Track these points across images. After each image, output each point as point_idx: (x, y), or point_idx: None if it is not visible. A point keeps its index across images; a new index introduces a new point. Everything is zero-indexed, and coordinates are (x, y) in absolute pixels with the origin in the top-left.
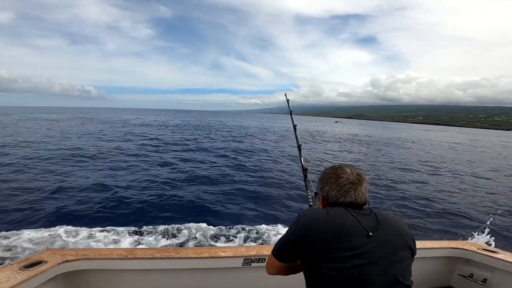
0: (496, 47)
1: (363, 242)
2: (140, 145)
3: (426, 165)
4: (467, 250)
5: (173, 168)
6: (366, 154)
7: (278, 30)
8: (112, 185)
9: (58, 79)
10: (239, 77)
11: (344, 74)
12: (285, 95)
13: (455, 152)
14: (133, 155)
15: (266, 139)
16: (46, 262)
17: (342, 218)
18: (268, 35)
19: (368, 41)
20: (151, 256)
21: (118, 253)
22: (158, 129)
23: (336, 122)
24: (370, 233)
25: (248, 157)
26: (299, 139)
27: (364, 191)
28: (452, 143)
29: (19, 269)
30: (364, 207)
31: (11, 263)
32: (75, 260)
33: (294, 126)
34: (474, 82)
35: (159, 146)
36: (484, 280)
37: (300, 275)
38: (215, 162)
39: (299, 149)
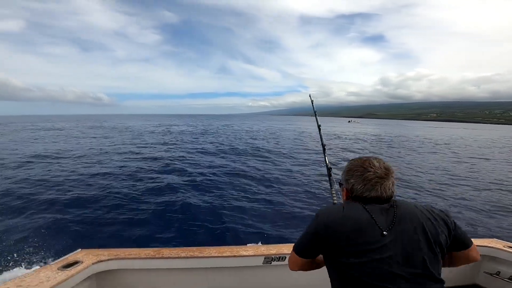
0: (506, 42)
1: (378, 239)
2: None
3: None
4: (493, 247)
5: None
6: (400, 158)
7: (283, 31)
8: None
9: (70, 86)
10: (246, 79)
11: (353, 73)
12: (309, 96)
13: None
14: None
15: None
16: (82, 262)
17: (357, 215)
18: (274, 37)
19: (375, 40)
20: (176, 256)
21: (146, 253)
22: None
23: (349, 121)
24: (385, 232)
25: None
26: (323, 139)
27: (391, 185)
28: (487, 140)
29: (57, 269)
30: (390, 200)
31: (50, 264)
32: (108, 260)
33: (319, 126)
34: (487, 77)
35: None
36: (511, 278)
37: (320, 274)
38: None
39: (324, 149)
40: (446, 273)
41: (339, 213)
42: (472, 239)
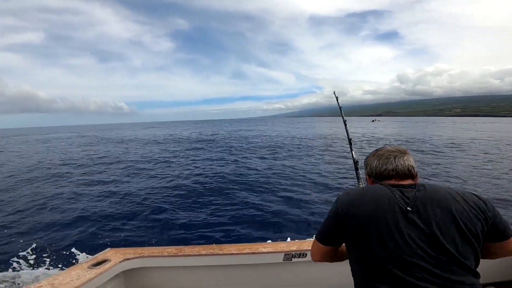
0: None
1: (401, 218)
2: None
3: None
4: None
5: None
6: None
7: (295, 33)
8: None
9: (91, 97)
10: (261, 83)
11: (368, 71)
12: (334, 93)
13: None
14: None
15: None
16: (110, 260)
17: (379, 192)
18: (286, 39)
19: (389, 37)
20: (197, 253)
21: (169, 251)
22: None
23: (373, 121)
24: (409, 208)
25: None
26: (349, 133)
27: (406, 158)
28: None
29: (87, 267)
30: (410, 180)
31: (81, 263)
32: (133, 258)
33: (345, 122)
34: (510, 70)
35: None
36: None
37: (341, 270)
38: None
39: (350, 143)
40: (486, 268)
41: (360, 191)
42: None
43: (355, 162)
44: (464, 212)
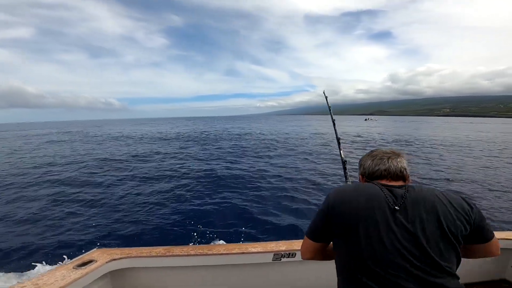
0: None
1: (387, 217)
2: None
3: None
4: None
5: None
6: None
7: (290, 31)
8: None
9: (82, 93)
10: (255, 81)
11: (361, 70)
12: (323, 92)
13: None
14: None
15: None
16: (96, 261)
17: (367, 191)
18: (281, 37)
19: (383, 36)
20: (186, 253)
21: (157, 251)
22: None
23: (366, 120)
24: (397, 207)
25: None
26: (338, 132)
27: (399, 160)
28: None
29: (73, 268)
30: (401, 182)
31: (66, 263)
32: (120, 258)
33: (333, 121)
34: (500, 71)
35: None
36: None
37: (331, 270)
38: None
39: (338, 142)
40: (472, 268)
41: (350, 188)
42: (496, 232)
43: (343, 162)
44: (448, 214)
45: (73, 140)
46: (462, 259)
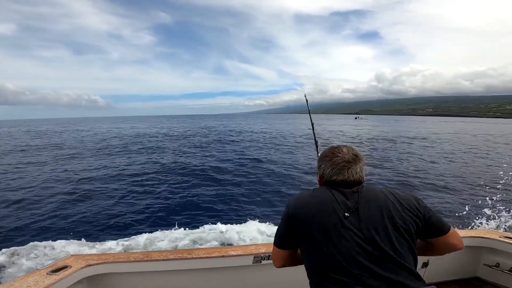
0: (499, 37)
1: (340, 220)
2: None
3: None
4: (490, 238)
5: None
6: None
7: (279, 30)
8: None
9: (64, 90)
10: (243, 79)
11: (348, 70)
12: (305, 96)
13: None
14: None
15: None
16: (71, 266)
17: (322, 196)
18: (270, 36)
19: (370, 37)
20: (165, 258)
21: (135, 256)
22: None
23: (356, 118)
24: (346, 214)
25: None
26: (316, 136)
27: (358, 170)
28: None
29: (46, 273)
30: (358, 186)
31: (39, 269)
32: (97, 264)
33: (312, 124)
34: (481, 72)
35: None
36: (511, 269)
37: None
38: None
39: (316, 145)
40: (446, 266)
41: (307, 195)
42: (465, 231)
43: None
44: (397, 211)
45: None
46: (435, 258)
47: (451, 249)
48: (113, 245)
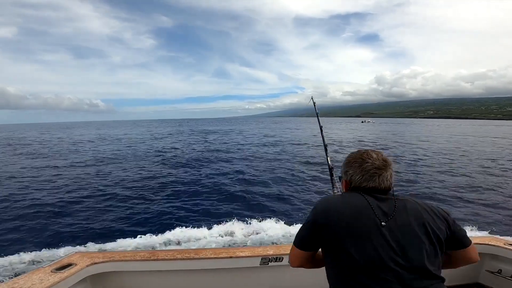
0: (498, 38)
1: (375, 227)
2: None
3: None
4: (493, 245)
5: None
6: None
7: (280, 33)
8: None
9: (66, 94)
10: (244, 83)
11: (348, 73)
12: (312, 98)
13: None
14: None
15: None
16: (76, 264)
17: (356, 201)
18: (271, 39)
19: (370, 39)
20: (172, 257)
21: (141, 255)
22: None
23: (362, 122)
24: (383, 223)
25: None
26: (325, 139)
27: (389, 176)
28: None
29: (51, 271)
30: (388, 192)
31: (44, 266)
32: (102, 262)
33: (321, 128)
34: (481, 73)
35: None
36: None
37: (317, 275)
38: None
39: (325, 149)
40: (448, 272)
41: (338, 200)
42: (472, 237)
43: (330, 169)
44: (433, 222)
45: None
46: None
47: (468, 262)
48: (119, 244)
